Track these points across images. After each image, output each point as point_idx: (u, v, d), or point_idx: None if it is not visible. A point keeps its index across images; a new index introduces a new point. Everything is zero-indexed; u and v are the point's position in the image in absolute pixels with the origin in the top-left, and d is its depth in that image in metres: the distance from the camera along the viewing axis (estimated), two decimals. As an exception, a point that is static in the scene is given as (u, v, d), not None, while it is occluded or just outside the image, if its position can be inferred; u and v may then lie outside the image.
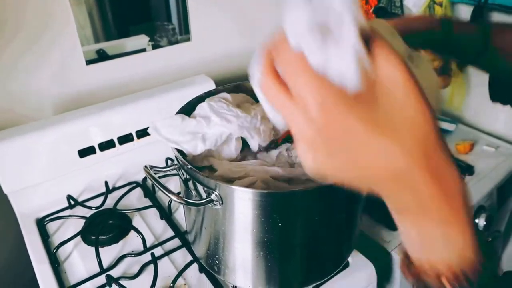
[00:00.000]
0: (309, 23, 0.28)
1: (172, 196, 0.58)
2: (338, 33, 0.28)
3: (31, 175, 0.87)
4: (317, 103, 0.28)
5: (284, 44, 0.30)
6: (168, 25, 1.11)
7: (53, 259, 0.77)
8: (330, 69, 0.28)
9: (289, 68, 0.30)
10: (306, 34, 0.28)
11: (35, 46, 0.91)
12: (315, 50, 0.28)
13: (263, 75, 0.32)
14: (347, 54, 0.28)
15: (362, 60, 0.28)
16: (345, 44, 0.28)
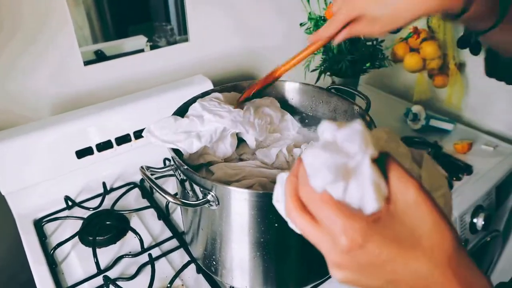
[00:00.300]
0: (327, 164, 0.32)
1: (168, 197, 0.58)
2: (355, 168, 0.32)
3: (28, 175, 0.87)
4: (342, 231, 0.32)
5: (306, 178, 0.33)
6: (166, 26, 1.11)
7: (51, 260, 0.77)
8: (349, 196, 0.32)
9: (312, 200, 0.33)
10: (326, 174, 0.31)
11: (32, 46, 0.91)
12: (334, 186, 0.32)
13: (289, 202, 0.35)
14: (365, 183, 0.32)
15: (379, 184, 0.32)
16: (362, 176, 0.32)
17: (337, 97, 0.79)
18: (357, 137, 0.32)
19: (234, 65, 1.27)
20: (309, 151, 0.34)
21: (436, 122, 1.17)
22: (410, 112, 1.19)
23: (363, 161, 0.32)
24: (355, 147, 0.32)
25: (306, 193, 0.34)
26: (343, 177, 0.32)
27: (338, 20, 0.55)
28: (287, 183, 0.36)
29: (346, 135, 0.33)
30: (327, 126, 0.34)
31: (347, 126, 0.33)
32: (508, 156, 1.09)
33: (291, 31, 1.30)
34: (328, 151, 0.32)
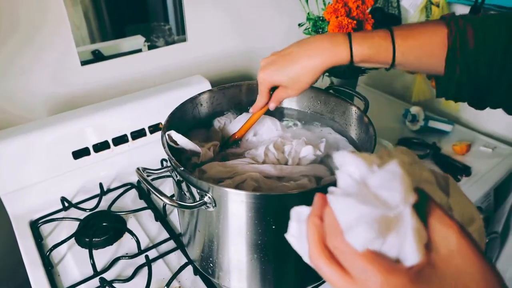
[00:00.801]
0: (367, 219, 0.28)
1: (165, 199, 0.58)
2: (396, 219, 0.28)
3: (24, 176, 0.87)
4: (378, 286, 0.29)
5: (337, 229, 0.30)
6: (164, 26, 1.10)
7: (47, 262, 0.76)
8: (387, 247, 0.29)
9: (344, 251, 0.30)
10: (366, 232, 0.28)
11: (28, 46, 0.90)
12: (372, 242, 0.29)
13: (314, 250, 0.32)
14: (406, 234, 0.28)
15: (420, 233, 0.29)
16: (403, 226, 0.28)
17: (336, 98, 0.78)
18: (397, 184, 0.29)
19: (232, 65, 1.26)
20: (341, 200, 0.30)
21: (435, 123, 1.17)
22: (408, 113, 1.19)
23: (405, 212, 0.28)
24: (397, 196, 0.28)
25: (337, 243, 0.31)
26: (384, 232, 0.28)
27: (261, 92, 0.70)
28: (311, 226, 0.33)
29: (383, 181, 0.29)
30: (352, 161, 0.31)
31: (383, 170, 0.30)
32: (506, 157, 1.08)
33: (290, 31, 1.30)
34: (365, 203, 0.28)
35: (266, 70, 0.67)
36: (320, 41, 0.62)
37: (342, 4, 0.97)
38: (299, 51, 0.64)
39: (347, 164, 0.32)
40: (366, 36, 0.60)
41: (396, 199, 0.28)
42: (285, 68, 0.65)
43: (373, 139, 0.64)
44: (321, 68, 0.62)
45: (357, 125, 0.74)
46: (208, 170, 0.67)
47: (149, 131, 0.98)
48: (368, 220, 0.28)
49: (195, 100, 0.78)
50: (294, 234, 0.37)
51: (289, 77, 0.65)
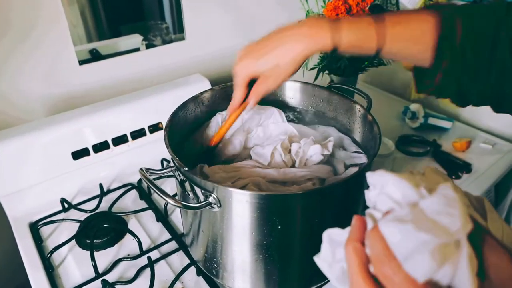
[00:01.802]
0: (429, 248, 0.27)
1: (169, 199, 0.57)
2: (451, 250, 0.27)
3: (23, 178, 0.86)
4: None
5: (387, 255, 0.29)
6: (161, 24, 1.09)
7: (47, 264, 0.75)
8: (441, 275, 0.27)
9: (396, 281, 0.29)
10: (424, 261, 0.27)
11: (25, 46, 0.89)
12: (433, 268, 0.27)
13: (359, 279, 0.30)
14: (461, 263, 0.27)
15: (473, 262, 0.27)
16: (458, 257, 0.27)
17: (338, 96, 0.78)
18: (455, 210, 0.28)
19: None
20: (394, 225, 0.29)
21: (435, 120, 1.17)
22: (408, 110, 1.19)
23: (463, 239, 0.27)
24: (457, 223, 0.27)
25: (385, 271, 0.29)
26: (445, 260, 0.27)
27: (237, 86, 0.64)
28: (351, 252, 0.31)
29: (440, 206, 0.28)
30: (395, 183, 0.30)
31: (438, 193, 0.29)
32: (506, 153, 1.09)
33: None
34: (425, 230, 0.27)
35: (243, 60, 0.62)
36: (300, 28, 0.57)
37: (342, 2, 0.97)
38: (278, 38, 0.59)
39: (388, 185, 0.30)
40: (353, 21, 0.55)
41: (456, 226, 0.27)
42: (264, 56, 0.60)
43: (378, 137, 0.64)
44: (302, 55, 0.57)
45: (361, 123, 0.73)
46: (211, 175, 0.66)
47: (149, 131, 0.97)
48: (430, 248, 0.27)
49: (197, 99, 0.77)
50: (327, 259, 0.35)
51: (269, 66, 0.59)
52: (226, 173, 0.66)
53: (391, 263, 0.29)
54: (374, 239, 0.30)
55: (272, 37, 0.60)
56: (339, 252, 0.34)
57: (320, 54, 1.03)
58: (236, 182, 0.65)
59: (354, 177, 0.60)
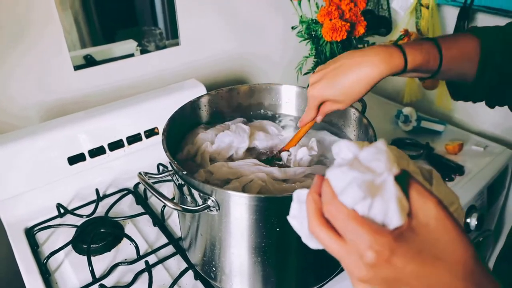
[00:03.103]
0: (357, 181, 0.33)
1: (168, 203, 0.57)
2: (380, 185, 0.33)
3: (19, 183, 0.85)
4: (368, 245, 0.32)
5: (331, 196, 0.34)
6: (155, 30, 1.10)
7: (44, 270, 0.75)
8: (374, 212, 0.33)
9: (338, 217, 0.34)
10: (356, 192, 0.33)
11: (17, 51, 0.89)
12: (361, 201, 0.33)
13: (313, 219, 0.36)
14: (390, 200, 0.33)
15: (402, 200, 0.33)
16: (387, 193, 0.33)
17: (333, 100, 0.79)
18: (382, 156, 0.34)
19: (227, 69, 1.26)
20: (336, 170, 0.34)
21: (427, 124, 1.18)
22: (401, 114, 1.20)
23: (388, 179, 0.33)
24: (381, 165, 0.33)
25: (331, 210, 0.35)
26: (371, 194, 0.33)
27: (310, 107, 0.69)
28: (310, 200, 0.37)
29: (371, 154, 0.34)
30: (345, 145, 0.36)
31: (371, 146, 0.35)
32: (498, 155, 1.10)
33: (284, 34, 1.31)
34: (356, 169, 0.33)
35: (317, 85, 0.65)
36: (375, 51, 0.61)
37: (335, 7, 0.98)
38: (351, 62, 0.62)
39: (341, 151, 0.36)
40: (415, 46, 0.61)
41: (381, 168, 0.33)
42: (338, 81, 0.63)
43: (373, 140, 0.65)
44: (378, 78, 0.61)
45: (355, 126, 0.74)
46: (215, 172, 0.67)
47: (145, 136, 0.98)
48: (359, 182, 0.33)
49: (194, 103, 0.78)
50: (296, 215, 0.40)
51: (342, 91, 0.63)
52: (230, 169, 0.67)
53: (334, 202, 0.34)
54: (324, 184, 0.35)
55: (344, 61, 0.63)
56: (304, 209, 0.38)
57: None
58: (241, 178, 0.65)
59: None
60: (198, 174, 0.68)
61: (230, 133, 0.77)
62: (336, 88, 0.63)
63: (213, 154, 0.74)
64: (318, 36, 1.03)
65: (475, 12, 1.11)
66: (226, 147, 0.76)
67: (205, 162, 0.72)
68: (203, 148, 0.74)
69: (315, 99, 0.67)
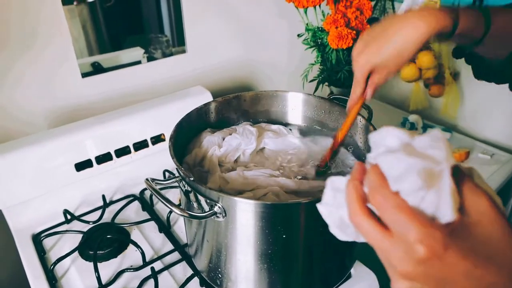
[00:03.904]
0: (416, 168, 0.31)
1: (175, 209, 0.58)
2: (438, 176, 0.31)
3: (26, 189, 0.86)
4: (420, 239, 0.30)
5: (380, 184, 0.33)
6: (162, 37, 1.11)
7: (50, 276, 0.75)
8: (425, 204, 0.31)
9: (384, 206, 0.32)
10: (415, 180, 0.30)
11: (27, 58, 0.90)
12: (413, 192, 0.31)
13: (355, 208, 0.34)
14: (444, 192, 0.31)
15: (455, 195, 0.31)
16: (442, 185, 0.31)
17: (340, 107, 0.79)
18: (442, 144, 0.32)
19: (233, 76, 1.27)
20: (389, 156, 0.32)
21: (433, 131, 1.18)
22: (407, 121, 1.20)
23: (446, 170, 0.31)
24: (442, 154, 0.31)
25: (379, 199, 0.33)
26: (428, 184, 0.30)
27: (357, 81, 0.65)
28: (351, 187, 0.35)
29: (428, 141, 0.32)
30: (392, 132, 0.34)
31: (426, 134, 0.33)
32: (504, 164, 1.10)
33: (291, 41, 1.32)
34: (413, 156, 0.31)
35: (363, 54, 0.61)
36: (420, 12, 0.57)
37: (341, 15, 0.99)
38: (395, 23, 0.58)
39: (386, 138, 0.34)
40: (464, 9, 0.59)
41: (441, 156, 0.31)
42: (385, 45, 0.59)
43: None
44: (425, 36, 0.57)
45: (362, 134, 0.74)
46: (231, 182, 0.67)
47: (151, 142, 0.98)
48: (417, 169, 0.30)
49: (201, 110, 0.78)
50: (328, 202, 0.38)
51: (390, 55, 0.59)
52: (246, 179, 0.67)
53: (383, 190, 0.32)
54: (371, 171, 0.33)
55: (387, 25, 0.59)
56: (339, 197, 0.37)
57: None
58: (255, 190, 0.65)
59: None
60: (212, 180, 0.68)
61: (238, 136, 0.77)
62: (384, 53, 0.59)
63: (221, 158, 0.74)
64: (324, 44, 1.04)
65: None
66: (233, 149, 0.76)
67: (214, 166, 0.72)
68: (211, 152, 0.74)
69: (363, 68, 0.63)
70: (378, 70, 0.62)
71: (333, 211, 0.37)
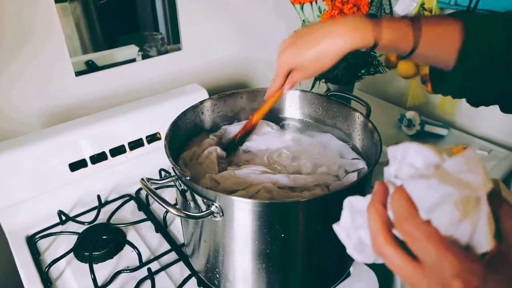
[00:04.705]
0: (453, 198, 0.28)
1: (171, 209, 0.57)
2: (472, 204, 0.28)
3: (19, 190, 0.84)
4: (456, 273, 0.28)
5: (411, 212, 0.30)
6: (157, 35, 1.09)
7: (45, 278, 0.74)
8: (460, 232, 0.29)
9: (418, 236, 0.30)
10: (448, 212, 0.28)
11: (19, 58, 0.88)
12: (456, 218, 0.28)
13: (380, 236, 0.32)
14: (480, 220, 0.28)
15: (491, 222, 0.29)
16: (478, 213, 0.28)
17: (337, 104, 0.78)
18: (477, 167, 0.29)
19: (229, 73, 1.26)
20: (421, 182, 0.30)
21: (431, 128, 1.18)
22: (404, 118, 1.19)
23: (483, 197, 0.28)
24: (479, 179, 0.29)
25: (408, 228, 0.30)
26: (468, 213, 0.28)
27: (278, 75, 0.68)
28: (373, 212, 0.33)
29: (462, 164, 0.29)
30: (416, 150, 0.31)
31: (461, 155, 0.30)
32: (502, 160, 1.09)
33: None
34: (449, 183, 0.28)
35: (286, 52, 0.65)
36: (345, 23, 0.59)
37: (338, 11, 0.98)
38: (321, 32, 0.60)
39: (410, 154, 0.31)
40: (392, 21, 0.59)
41: (479, 182, 0.28)
42: (306, 49, 0.62)
43: (379, 144, 0.64)
44: (344, 51, 0.59)
45: (360, 131, 0.74)
46: (222, 182, 0.66)
47: (147, 141, 0.97)
48: (454, 200, 0.28)
49: (197, 108, 0.77)
50: (346, 224, 0.36)
51: (309, 59, 0.62)
52: (237, 178, 0.66)
53: (414, 219, 0.30)
54: (397, 197, 0.31)
55: (315, 31, 0.61)
56: (358, 219, 0.34)
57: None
58: (248, 188, 0.64)
59: (356, 183, 0.60)
60: (203, 181, 0.67)
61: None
62: (305, 56, 0.62)
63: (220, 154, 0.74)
64: (320, 40, 1.03)
65: (478, 15, 1.10)
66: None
67: (212, 164, 0.71)
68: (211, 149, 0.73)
69: (283, 66, 0.66)
70: (298, 69, 0.65)
71: (351, 233, 0.35)
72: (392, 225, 0.32)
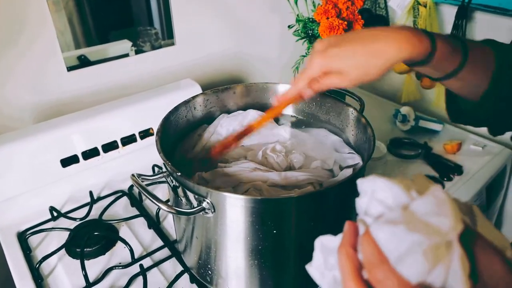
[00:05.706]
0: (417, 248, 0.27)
1: (162, 206, 0.56)
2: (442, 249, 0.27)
3: (10, 186, 0.84)
4: None
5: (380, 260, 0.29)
6: (151, 30, 1.08)
7: (36, 274, 0.73)
8: (432, 277, 0.27)
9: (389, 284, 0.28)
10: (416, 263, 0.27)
11: (10, 52, 0.87)
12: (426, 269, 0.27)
13: (350, 282, 0.31)
14: (453, 264, 0.27)
15: (465, 263, 0.28)
16: (450, 258, 0.27)
17: (331, 99, 0.78)
18: (447, 210, 0.28)
19: (223, 68, 1.25)
20: (387, 229, 0.29)
21: (425, 123, 1.17)
22: (399, 113, 1.19)
23: (454, 241, 0.27)
24: (448, 222, 0.28)
25: (378, 275, 0.29)
26: (437, 261, 0.27)
27: (302, 78, 0.56)
28: (344, 256, 0.31)
29: (430, 206, 0.28)
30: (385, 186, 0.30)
31: (429, 195, 0.29)
32: (496, 155, 1.09)
33: (281, 33, 1.30)
34: (416, 230, 0.27)
35: (326, 52, 0.53)
36: (398, 29, 0.52)
37: (332, 6, 0.97)
38: (371, 35, 0.52)
39: (378, 190, 0.30)
40: (444, 36, 0.54)
41: (448, 225, 0.27)
42: (351, 51, 0.52)
43: (372, 139, 0.64)
44: (397, 59, 0.51)
45: (354, 126, 0.73)
46: (212, 180, 0.65)
47: (140, 137, 0.96)
48: (422, 249, 0.27)
49: (189, 103, 0.77)
50: (319, 266, 0.35)
51: (353, 64, 0.52)
52: (227, 176, 0.65)
53: (383, 266, 0.29)
54: (366, 243, 0.30)
55: (363, 33, 0.53)
56: (331, 259, 0.34)
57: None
58: (237, 187, 0.64)
59: (349, 180, 0.60)
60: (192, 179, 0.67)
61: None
62: (348, 59, 0.52)
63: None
64: (315, 35, 1.02)
65: (473, 10, 1.10)
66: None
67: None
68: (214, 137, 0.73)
69: (316, 67, 0.54)
70: (335, 73, 0.54)
71: (326, 273, 0.34)
72: (363, 268, 0.31)
